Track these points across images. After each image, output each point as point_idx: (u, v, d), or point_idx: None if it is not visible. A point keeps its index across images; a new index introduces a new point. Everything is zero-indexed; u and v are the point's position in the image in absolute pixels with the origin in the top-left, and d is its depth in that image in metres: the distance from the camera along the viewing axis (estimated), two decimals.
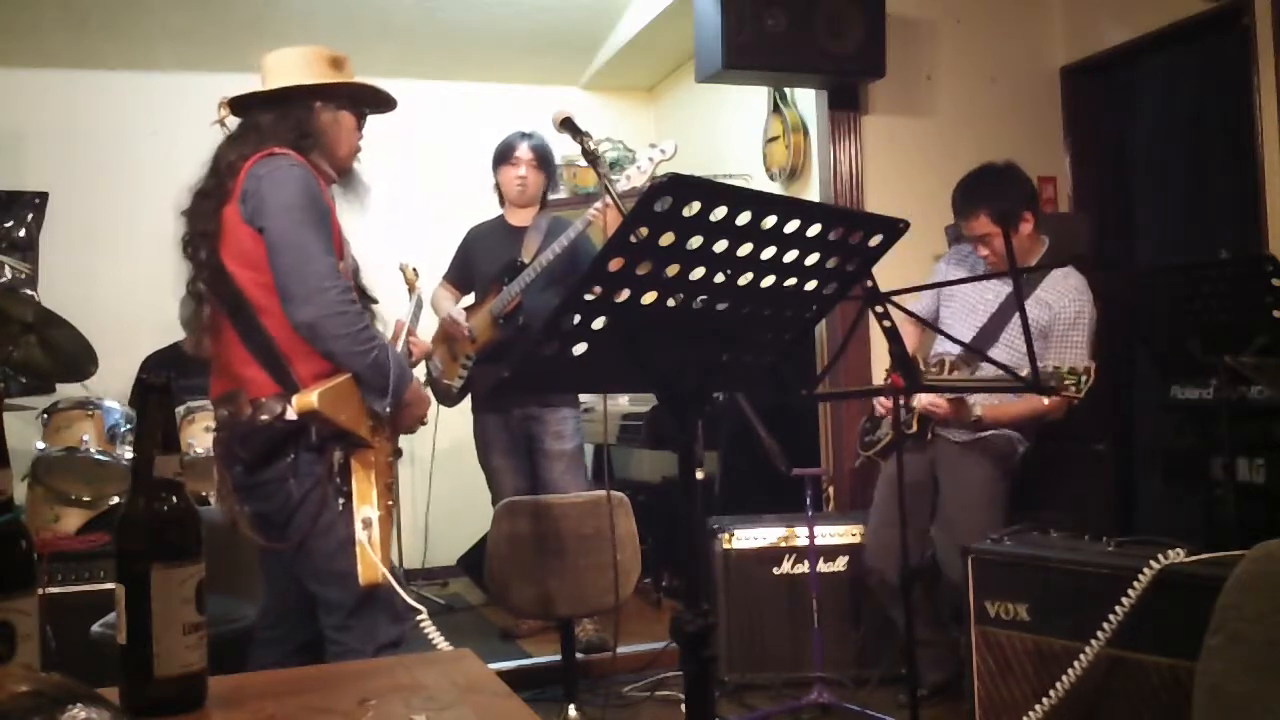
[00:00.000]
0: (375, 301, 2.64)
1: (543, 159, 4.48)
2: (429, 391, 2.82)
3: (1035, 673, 2.61)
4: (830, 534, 4.00)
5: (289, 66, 2.58)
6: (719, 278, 1.51)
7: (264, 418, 2.37)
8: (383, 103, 2.74)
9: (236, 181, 2.42)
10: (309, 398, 2.32)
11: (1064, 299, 3.50)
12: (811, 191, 4.88)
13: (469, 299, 4.56)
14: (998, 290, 3.62)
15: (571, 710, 3.49)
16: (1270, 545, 1.54)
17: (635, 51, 5.94)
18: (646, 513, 3.92)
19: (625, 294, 1.44)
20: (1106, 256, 4.67)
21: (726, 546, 3.99)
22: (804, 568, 3.95)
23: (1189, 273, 3.30)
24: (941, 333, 2.96)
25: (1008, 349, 3.51)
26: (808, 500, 3.85)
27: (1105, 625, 2.43)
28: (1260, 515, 3.36)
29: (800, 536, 3.97)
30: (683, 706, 1.62)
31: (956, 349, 3.47)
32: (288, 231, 2.36)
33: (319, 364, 2.39)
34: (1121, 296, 3.87)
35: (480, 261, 4.51)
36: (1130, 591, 2.41)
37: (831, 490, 4.63)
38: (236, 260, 2.41)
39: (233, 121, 2.58)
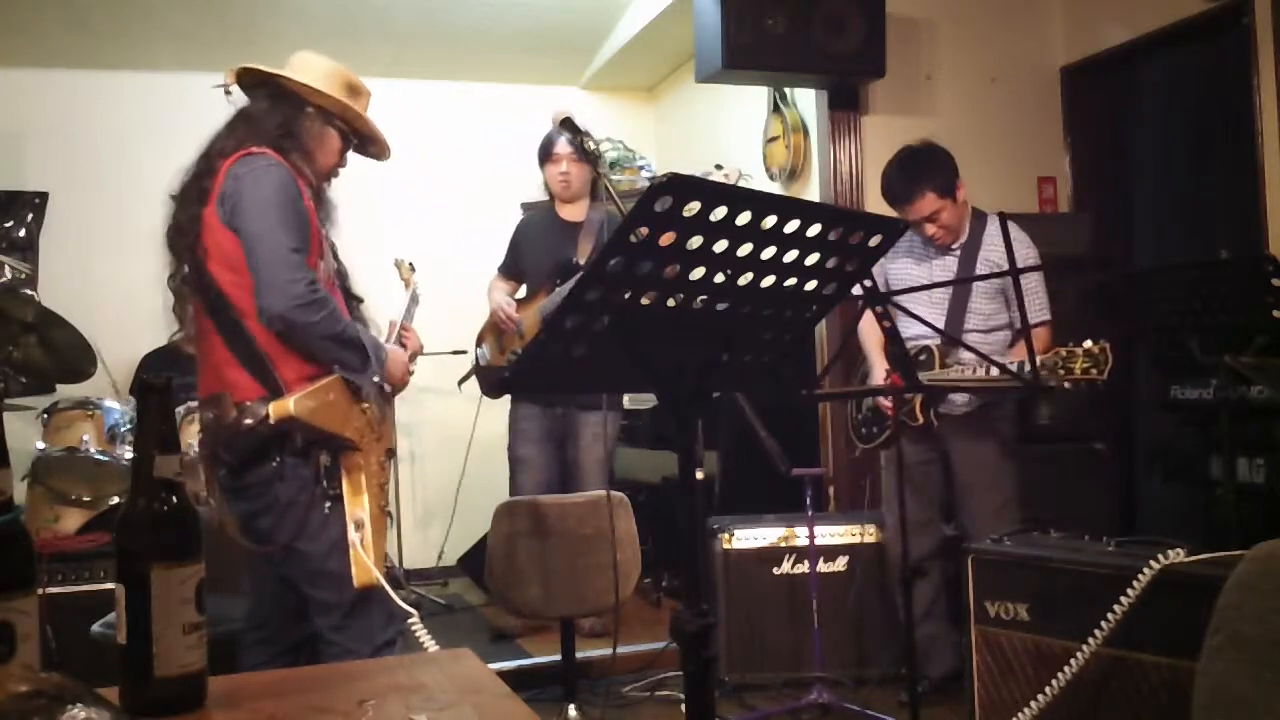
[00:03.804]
0: (360, 301, 2.65)
1: (583, 152, 4.48)
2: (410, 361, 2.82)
3: (1035, 673, 2.60)
4: (830, 534, 3.99)
5: (308, 69, 2.59)
6: (719, 278, 1.51)
7: (248, 421, 2.37)
8: (374, 142, 2.74)
9: (215, 182, 2.42)
10: (286, 404, 2.32)
11: (1002, 249, 3.51)
12: (811, 191, 4.88)
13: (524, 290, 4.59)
14: (945, 265, 3.65)
15: (571, 710, 3.48)
16: (1271, 545, 1.54)
17: (635, 51, 5.93)
18: (646, 513, 3.92)
19: (625, 294, 1.44)
20: (1106, 256, 4.67)
21: (726, 546, 3.99)
22: (804, 568, 3.94)
23: (1189, 273, 3.30)
24: (928, 324, 2.95)
25: (979, 318, 3.58)
26: (808, 500, 3.85)
27: (1103, 625, 2.43)
28: (1260, 515, 3.36)
29: (800, 536, 3.96)
30: (683, 706, 1.62)
31: (929, 334, 3.48)
32: (260, 227, 2.36)
33: (302, 366, 2.39)
34: (1121, 296, 3.87)
35: (530, 254, 4.52)
36: (1130, 591, 2.41)
37: (832, 490, 4.63)
38: (217, 262, 2.41)
39: (237, 93, 2.58)
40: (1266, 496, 3.43)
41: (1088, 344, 2.81)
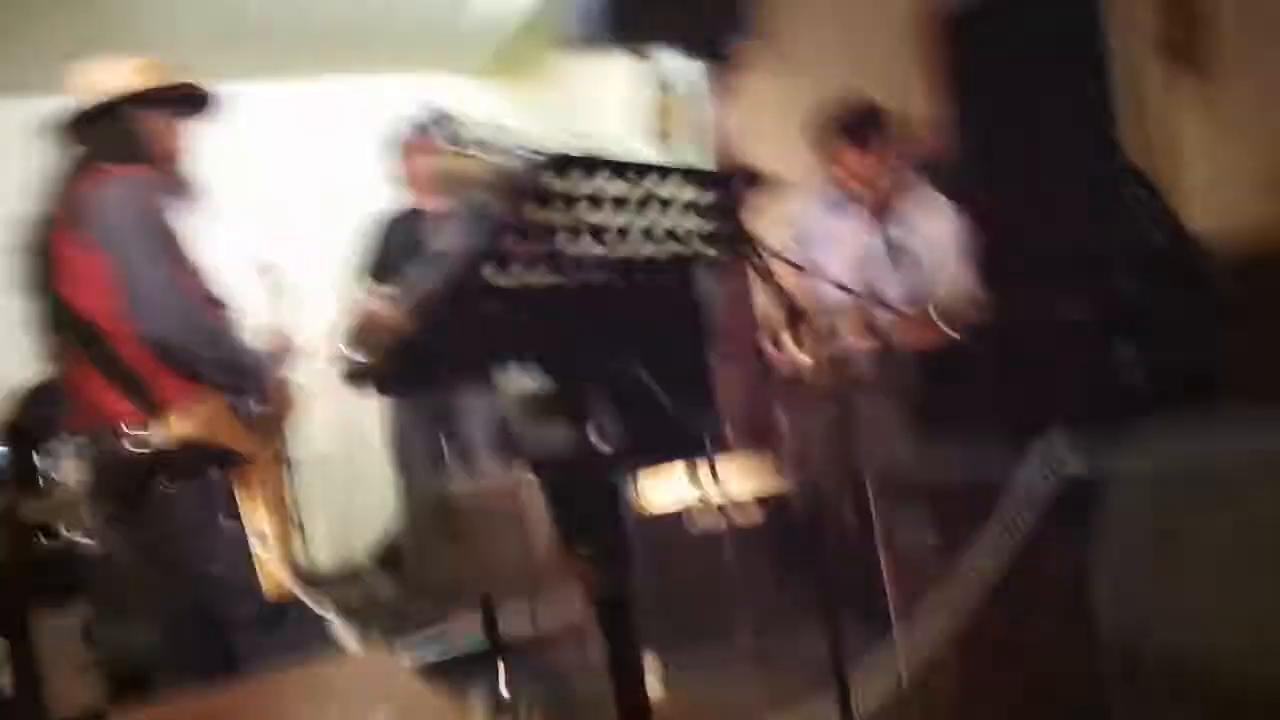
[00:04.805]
0: (227, 307, 2.59)
1: (452, 141, 4.39)
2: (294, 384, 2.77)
3: (944, 589, 2.64)
4: (738, 481, 4.03)
5: (99, 80, 2.50)
6: (601, 250, 1.50)
7: (131, 449, 2.30)
8: (199, 101, 2.66)
9: (70, 208, 2.34)
10: (170, 426, 2.27)
11: (931, 221, 3.56)
12: (689, 155, 4.88)
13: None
14: (866, 227, 3.67)
15: (502, 688, 3.47)
16: (1159, 440, 1.59)
17: (509, 32, 5.85)
18: (555, 483, 3.88)
19: (509, 275, 1.42)
20: (978, 196, 4.69)
21: (637, 507, 3.99)
22: (715, 521, 3.97)
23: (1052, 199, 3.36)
24: (834, 283, 2.99)
25: (897, 289, 3.58)
26: (710, 452, 3.88)
27: (1001, 533, 2.48)
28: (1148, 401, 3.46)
29: (707, 488, 3.98)
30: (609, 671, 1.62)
31: (847, 298, 3.50)
32: (125, 250, 2.31)
33: (180, 383, 2.34)
34: (991, 226, 3.92)
35: (393, 251, 4.45)
36: (1026, 499, 2.46)
37: (731, 433, 4.64)
38: (79, 288, 2.34)
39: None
40: (1142, 382, 3.53)
41: (950, 294, 2.86)
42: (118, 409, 2.33)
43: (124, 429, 2.31)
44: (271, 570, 2.34)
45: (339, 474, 5.71)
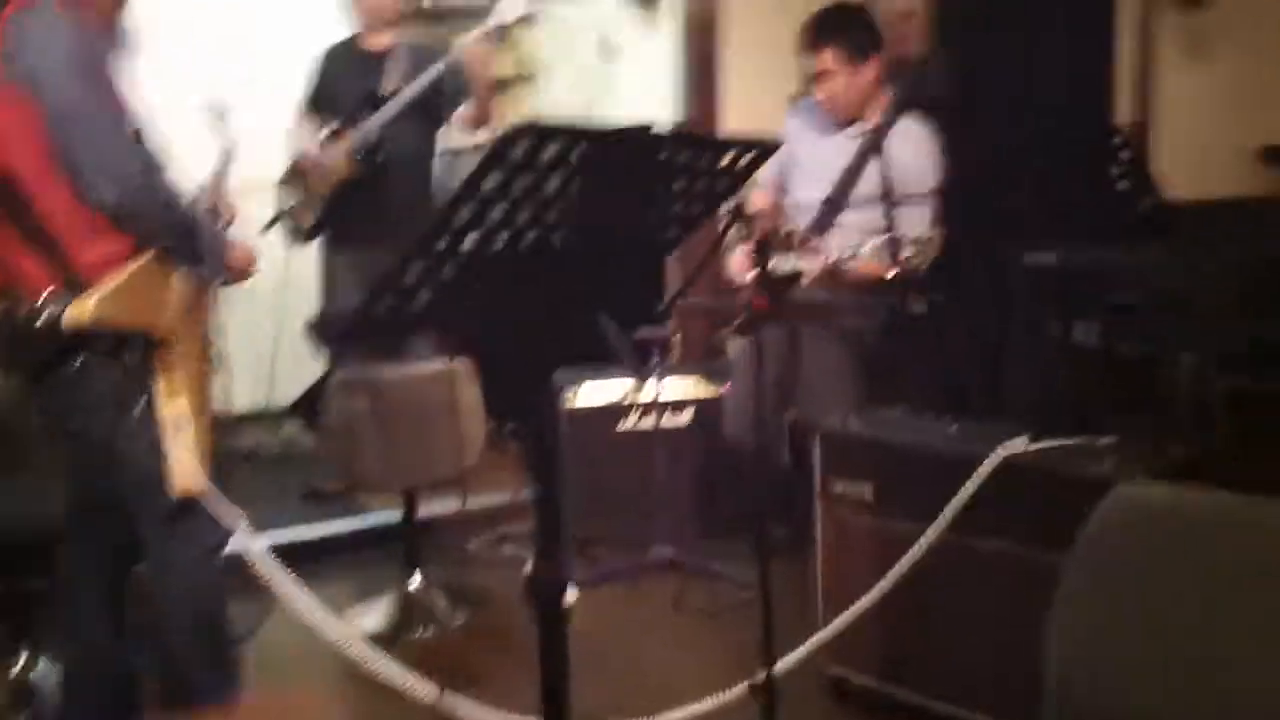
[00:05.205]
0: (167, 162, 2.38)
1: None
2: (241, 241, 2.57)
3: (878, 553, 2.62)
4: (676, 389, 3.96)
5: None
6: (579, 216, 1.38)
7: (44, 319, 2.11)
8: None
9: None
10: (84, 308, 2.07)
11: (905, 155, 3.40)
12: (669, 16, 4.68)
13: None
14: (842, 148, 3.51)
15: (416, 578, 3.42)
16: (1130, 491, 1.53)
17: None
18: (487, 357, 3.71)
19: (473, 240, 1.30)
20: (965, 101, 4.52)
21: (571, 405, 3.91)
22: (649, 423, 3.91)
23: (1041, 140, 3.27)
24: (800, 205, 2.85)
25: (856, 212, 3.44)
26: (654, 359, 3.81)
27: (945, 512, 2.45)
28: (1095, 380, 3.46)
29: (645, 392, 3.91)
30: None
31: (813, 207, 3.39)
32: (71, 99, 2.04)
33: (104, 247, 2.12)
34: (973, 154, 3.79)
35: (336, 90, 4.20)
36: (970, 483, 2.43)
37: (679, 339, 4.56)
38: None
39: None
40: (1101, 358, 3.53)
41: (918, 232, 2.75)
42: (29, 271, 2.11)
43: (36, 296, 2.09)
44: (184, 464, 2.20)
45: (267, 308, 5.50)
